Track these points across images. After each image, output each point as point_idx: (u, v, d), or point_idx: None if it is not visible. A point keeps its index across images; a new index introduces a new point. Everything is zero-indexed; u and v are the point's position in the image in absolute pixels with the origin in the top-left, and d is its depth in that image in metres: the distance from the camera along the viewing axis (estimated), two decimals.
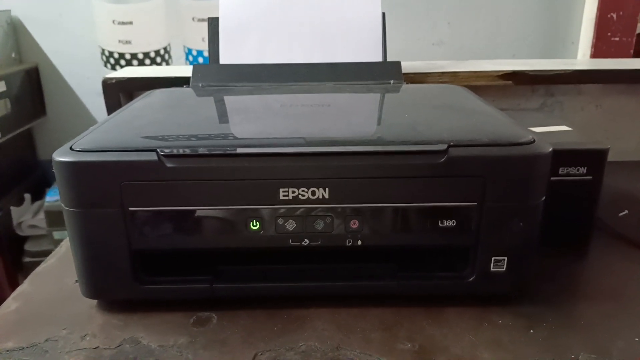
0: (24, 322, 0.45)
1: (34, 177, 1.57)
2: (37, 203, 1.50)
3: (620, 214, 0.65)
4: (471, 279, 0.45)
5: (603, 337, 0.43)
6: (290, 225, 0.43)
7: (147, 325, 0.44)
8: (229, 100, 0.61)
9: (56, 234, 1.35)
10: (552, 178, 0.48)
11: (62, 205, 0.42)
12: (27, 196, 1.49)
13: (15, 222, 1.42)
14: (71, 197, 0.41)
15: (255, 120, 0.52)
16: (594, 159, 0.54)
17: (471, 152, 0.41)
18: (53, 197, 1.37)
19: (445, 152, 0.41)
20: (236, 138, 0.46)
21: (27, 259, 1.39)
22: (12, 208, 1.41)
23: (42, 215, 1.40)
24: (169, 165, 0.40)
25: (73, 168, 0.40)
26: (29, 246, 1.41)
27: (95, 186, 0.41)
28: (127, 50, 1.45)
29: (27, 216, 1.44)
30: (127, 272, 0.44)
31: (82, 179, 0.41)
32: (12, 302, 0.48)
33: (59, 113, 1.63)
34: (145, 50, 1.46)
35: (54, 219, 1.36)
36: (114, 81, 0.76)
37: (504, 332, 0.43)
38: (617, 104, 0.86)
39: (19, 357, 0.40)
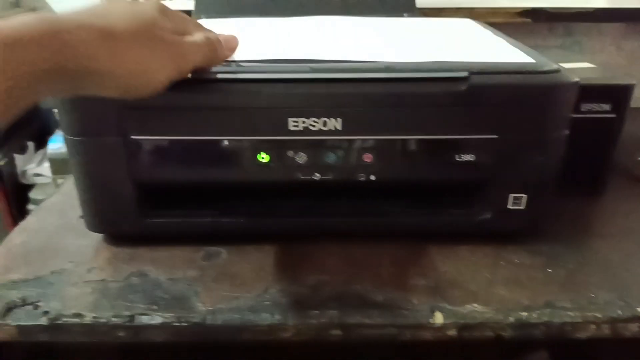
0: (29, 255, 0.44)
1: (35, 125, 1.55)
2: (41, 151, 1.48)
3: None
4: (488, 216, 0.44)
5: (622, 276, 0.42)
6: (300, 158, 0.41)
7: (154, 259, 0.43)
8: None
9: (61, 182, 1.34)
10: (573, 115, 0.45)
11: (64, 134, 0.40)
12: (31, 144, 1.48)
13: (19, 170, 1.41)
14: (71, 125, 0.39)
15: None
16: (619, 95, 0.51)
17: (494, 79, 0.39)
18: (56, 144, 1.36)
19: (466, 79, 0.38)
20: (242, 64, 0.44)
21: (32, 207, 1.39)
22: (16, 156, 1.40)
23: (46, 163, 1.39)
24: (170, 90, 0.38)
25: None
26: (34, 194, 1.41)
27: (94, 112, 0.38)
28: None
29: (31, 164, 1.43)
30: (131, 205, 0.42)
31: (80, 103, 0.38)
32: (17, 235, 0.47)
33: None
34: None
35: (59, 166, 1.35)
36: None
37: (521, 270, 0.42)
38: (639, 46, 0.82)
39: (24, 289, 0.40)
